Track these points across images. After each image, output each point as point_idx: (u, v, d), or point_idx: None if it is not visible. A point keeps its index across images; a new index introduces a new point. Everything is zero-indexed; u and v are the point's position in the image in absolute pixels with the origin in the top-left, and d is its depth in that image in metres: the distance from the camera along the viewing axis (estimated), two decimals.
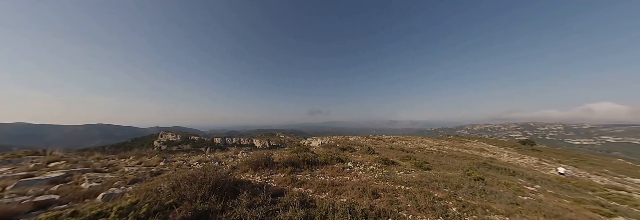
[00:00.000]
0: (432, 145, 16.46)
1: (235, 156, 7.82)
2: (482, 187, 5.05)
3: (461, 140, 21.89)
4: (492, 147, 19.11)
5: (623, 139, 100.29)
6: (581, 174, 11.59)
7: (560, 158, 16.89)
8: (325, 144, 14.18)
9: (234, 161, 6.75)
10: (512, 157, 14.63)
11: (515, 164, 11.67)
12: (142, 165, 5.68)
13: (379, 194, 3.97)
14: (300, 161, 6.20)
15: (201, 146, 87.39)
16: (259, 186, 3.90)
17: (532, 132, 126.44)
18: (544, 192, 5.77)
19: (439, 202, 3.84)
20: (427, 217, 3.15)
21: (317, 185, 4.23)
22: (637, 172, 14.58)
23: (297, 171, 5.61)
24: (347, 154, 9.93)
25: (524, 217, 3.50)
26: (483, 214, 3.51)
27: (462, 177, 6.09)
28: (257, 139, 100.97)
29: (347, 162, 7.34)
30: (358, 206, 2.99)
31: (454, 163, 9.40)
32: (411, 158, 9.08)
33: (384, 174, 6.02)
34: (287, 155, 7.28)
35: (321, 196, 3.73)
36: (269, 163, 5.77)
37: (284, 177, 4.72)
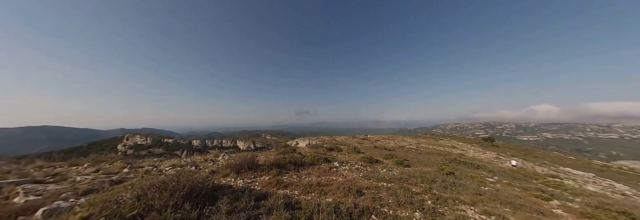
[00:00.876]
0: (411, 144, 17.74)
1: (215, 159, 7.29)
2: (452, 180, 5.62)
3: (436, 139, 24.09)
4: (461, 144, 21.48)
5: (557, 135, 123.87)
6: (528, 165, 13.79)
7: (513, 152, 19.90)
8: (313, 144, 14.15)
9: (214, 165, 6.28)
10: (476, 152, 16.64)
11: (479, 159, 13.30)
12: (100, 173, 4.90)
13: (363, 192, 4.11)
14: (287, 163, 6.07)
15: (177, 149, 79.11)
16: (241, 190, 3.70)
17: (492, 130, 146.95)
18: (500, 183, 6.70)
19: (416, 196, 4.15)
20: (406, 211, 3.38)
21: (303, 186, 4.19)
22: (567, 162, 18.07)
23: (283, 173, 5.48)
24: (334, 154, 10.08)
25: (485, 205, 4.01)
26: (453, 205, 3.91)
27: (436, 172, 6.69)
28: (241, 141, 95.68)
29: (334, 162, 7.44)
30: (343, 205, 3.05)
31: (430, 159, 10.28)
32: (393, 156, 9.64)
33: (369, 172, 6.27)
34: (272, 157, 7.06)
35: (307, 197, 3.71)
36: (253, 166, 5.52)
37: (269, 180, 4.56)
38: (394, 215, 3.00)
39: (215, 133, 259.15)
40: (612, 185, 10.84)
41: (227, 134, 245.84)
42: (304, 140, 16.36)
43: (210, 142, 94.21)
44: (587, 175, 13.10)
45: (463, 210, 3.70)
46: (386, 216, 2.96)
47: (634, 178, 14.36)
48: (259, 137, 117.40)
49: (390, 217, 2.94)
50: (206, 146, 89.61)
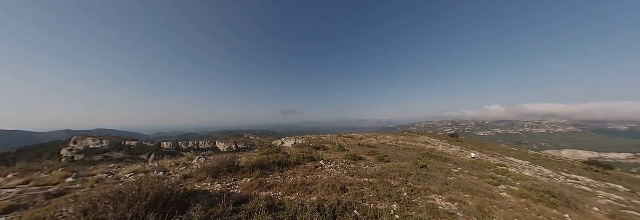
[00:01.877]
0: (391, 141, 19.10)
1: (189, 163, 6.61)
2: (425, 173, 6.25)
3: (412, 136, 26.45)
4: (432, 140, 24.05)
5: (504, 131, 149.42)
6: (483, 156, 16.24)
7: (472, 146, 23.23)
8: (299, 143, 14.01)
9: (187, 169, 5.69)
10: (444, 147, 18.86)
11: (446, 152, 15.10)
12: (30, 184, 3.95)
13: (346, 189, 4.25)
14: (270, 163, 5.87)
15: (142, 153, 68.78)
16: (218, 195, 3.43)
17: (457, 127, 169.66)
18: (462, 173, 7.73)
19: (394, 189, 4.48)
20: (385, 204, 3.62)
21: (287, 186, 4.11)
22: (510, 153, 21.98)
23: (267, 174, 5.29)
24: (319, 153, 10.16)
25: (451, 193, 4.57)
26: (425, 195, 4.35)
27: (412, 166, 7.33)
28: (220, 142, 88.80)
29: (319, 161, 7.50)
30: (326, 203, 3.09)
31: (406, 155, 11.22)
32: (375, 153, 10.21)
33: (352, 169, 6.50)
34: (255, 157, 6.74)
35: (291, 197, 3.65)
36: (233, 168, 5.18)
37: (251, 182, 4.34)
38: (373, 209, 3.18)
39: (191, 134, 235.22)
40: (541, 170, 13.57)
41: (205, 134, 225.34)
42: (290, 139, 16.08)
43: (184, 143, 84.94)
44: (524, 162, 16.11)
45: (432, 199, 4.15)
46: (367, 210, 3.12)
47: (555, 164, 18.30)
48: (241, 137, 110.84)
49: (371, 211, 3.10)
50: (179, 148, 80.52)
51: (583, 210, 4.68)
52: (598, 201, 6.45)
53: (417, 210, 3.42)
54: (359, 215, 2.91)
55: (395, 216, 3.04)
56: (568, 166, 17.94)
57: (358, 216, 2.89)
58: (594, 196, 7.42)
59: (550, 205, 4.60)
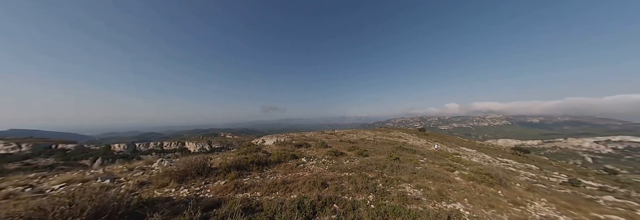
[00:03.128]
0: (370, 136, 20.45)
1: (147, 167, 5.69)
2: (398, 164, 6.91)
3: (388, 131, 28.94)
4: (404, 134, 26.83)
5: (459, 125, 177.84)
6: (444, 147, 19.00)
7: (436, 139, 26.91)
8: (281, 141, 13.62)
9: (145, 174, 4.89)
10: (414, 140, 21.29)
11: (416, 145, 17.07)
12: None
13: (327, 184, 4.35)
14: (249, 163, 5.53)
15: (83, 158, 55.69)
16: (184, 201, 3.05)
17: (424, 122, 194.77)
18: (428, 162, 8.89)
19: (371, 181, 4.82)
20: (362, 195, 3.85)
21: (266, 186, 3.94)
22: (463, 143, 26.36)
23: (244, 175, 4.97)
24: (302, 150, 10.10)
25: (418, 181, 5.19)
26: (397, 184, 4.81)
27: (387, 159, 8.01)
28: (191, 142, 79.36)
29: (301, 158, 7.46)
30: (307, 199, 3.09)
31: (383, 148, 12.20)
32: (355, 148, 10.75)
33: (334, 164, 6.70)
34: (231, 158, 6.25)
35: (270, 197, 3.53)
36: (204, 170, 4.68)
37: (225, 185, 4.01)
38: (352, 201, 3.35)
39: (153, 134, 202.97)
40: (484, 156, 16.71)
41: (171, 134, 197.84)
42: (272, 137, 15.49)
43: (144, 145, 72.82)
44: (473, 151, 19.55)
45: (403, 187, 4.63)
46: (346, 203, 3.26)
47: (493, 151, 22.80)
48: (216, 137, 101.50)
49: (349, 203, 3.26)
50: (137, 151, 68.66)
51: (510, 186, 5.98)
52: (519, 178, 8.34)
53: (390, 198, 3.76)
54: (338, 209, 3.02)
55: (371, 206, 3.27)
56: (502, 152, 22.70)
57: (337, 209, 2.99)
58: (517, 175, 9.56)
59: (489, 184, 5.71)
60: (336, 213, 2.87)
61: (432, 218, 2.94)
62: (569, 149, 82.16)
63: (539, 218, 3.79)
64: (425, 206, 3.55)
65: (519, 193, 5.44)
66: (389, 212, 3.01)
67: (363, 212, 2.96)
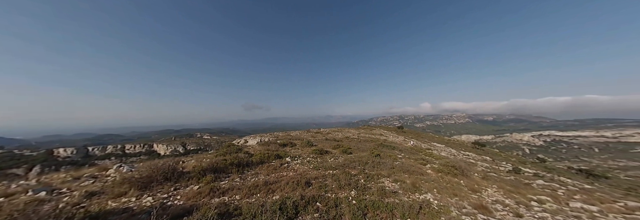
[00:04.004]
0: (354, 134, 21.25)
1: (100, 174, 4.85)
2: (378, 160, 7.34)
3: (371, 129, 30.53)
4: (385, 132, 28.68)
5: (431, 123, 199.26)
6: (419, 143, 20.94)
7: (412, 135, 29.52)
8: (265, 141, 13.11)
9: (97, 183, 4.16)
10: (394, 137, 22.94)
11: (395, 142, 18.41)
12: None
13: (311, 183, 4.36)
14: (228, 165, 5.17)
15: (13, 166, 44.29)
16: (147, 211, 2.68)
17: (403, 120, 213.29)
18: (405, 158, 9.67)
19: (353, 177, 5.01)
20: (345, 192, 3.98)
21: (247, 189, 3.74)
22: (434, 139, 29.53)
23: (222, 178, 4.63)
24: (287, 150, 9.91)
25: (395, 176, 5.60)
26: (377, 179, 5.11)
27: (369, 155, 8.44)
28: (161, 144, 70.47)
29: (286, 158, 7.32)
30: (289, 200, 3.05)
31: (366, 146, 12.81)
32: (340, 146, 11.02)
33: (319, 163, 6.75)
34: (208, 160, 5.75)
35: (251, 200, 3.36)
36: (174, 175, 4.21)
37: (199, 189, 3.67)
38: (334, 198, 3.43)
39: (111, 136, 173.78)
40: (451, 151, 19.00)
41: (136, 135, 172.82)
42: (255, 137, 14.80)
43: (100, 149, 61.98)
44: (442, 146, 22.06)
45: (382, 182, 4.94)
46: (329, 200, 3.33)
47: (458, 145, 26.10)
48: (192, 138, 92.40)
49: (332, 200, 3.33)
50: (90, 156, 58.06)
51: (470, 176, 6.93)
52: (477, 169, 9.74)
53: (370, 193, 3.97)
54: (321, 207, 3.05)
55: (352, 202, 3.40)
56: (464, 146, 26.18)
57: (320, 208, 3.03)
58: (475, 166, 11.14)
59: (454, 175, 6.52)
60: (319, 211, 2.90)
61: (406, 209, 3.21)
62: (513, 142, 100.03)
63: (491, 202, 4.49)
64: (401, 198, 3.86)
65: (476, 181, 6.35)
66: (368, 206, 3.18)
67: (345, 208, 3.06)
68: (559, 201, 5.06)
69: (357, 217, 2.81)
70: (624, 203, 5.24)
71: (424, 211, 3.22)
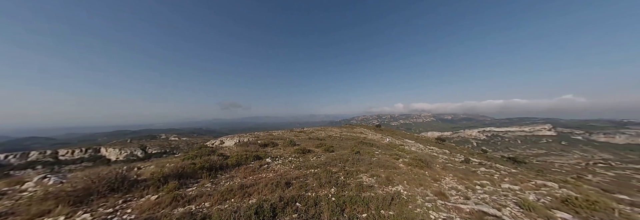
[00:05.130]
0: (337, 133, 21.91)
1: (12, 189, 3.78)
2: (358, 157, 7.79)
3: (352, 127, 32.02)
4: (365, 130, 30.50)
5: (404, 121, 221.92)
6: (394, 140, 23.02)
7: (388, 133, 32.25)
8: (244, 141, 12.33)
9: (5, 201, 3.24)
10: (372, 135, 24.61)
11: (373, 139, 19.79)
12: None
13: (291, 183, 4.32)
14: (197, 169, 4.68)
15: None
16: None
17: (381, 119, 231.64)
18: (381, 154, 10.50)
19: (334, 175, 5.19)
20: (325, 190, 4.10)
21: (219, 194, 3.46)
22: (406, 136, 32.96)
23: (189, 184, 4.18)
24: (268, 150, 9.56)
25: (372, 171, 6.05)
26: (356, 175, 5.43)
27: (349, 153, 8.86)
28: (112, 147, 58.37)
29: (266, 158, 7.07)
30: (267, 202, 2.97)
31: (347, 144, 13.38)
32: (323, 145, 11.22)
33: (300, 162, 6.74)
34: (172, 164, 5.09)
35: (224, 206, 3.12)
36: (124, 184, 3.59)
37: (158, 199, 3.23)
38: (314, 197, 3.50)
39: (37, 139, 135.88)
40: (419, 146, 21.51)
41: (75, 138, 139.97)
42: (233, 138, 13.74)
43: (21, 156, 47.80)
44: (412, 142, 24.77)
45: (360, 177, 5.27)
46: (309, 199, 3.38)
47: (425, 141, 29.74)
48: (154, 140, 79.89)
49: (312, 199, 3.39)
50: (3, 165, 44.28)
51: (433, 167, 8.01)
52: (439, 161, 11.30)
53: (349, 189, 4.21)
54: (300, 207, 3.07)
55: (332, 199, 3.54)
56: (429, 142, 30.01)
57: (299, 208, 3.05)
58: (437, 158, 12.92)
59: (420, 168, 7.43)
60: (298, 211, 2.92)
61: (380, 201, 3.52)
62: (465, 137, 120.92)
63: (447, 188, 5.31)
64: (377, 192, 4.21)
65: (437, 172, 7.39)
66: (346, 202, 3.36)
67: (324, 206, 3.16)
68: (494, 184, 6.34)
69: (335, 213, 2.93)
70: (535, 182, 6.94)
71: (395, 202, 3.59)
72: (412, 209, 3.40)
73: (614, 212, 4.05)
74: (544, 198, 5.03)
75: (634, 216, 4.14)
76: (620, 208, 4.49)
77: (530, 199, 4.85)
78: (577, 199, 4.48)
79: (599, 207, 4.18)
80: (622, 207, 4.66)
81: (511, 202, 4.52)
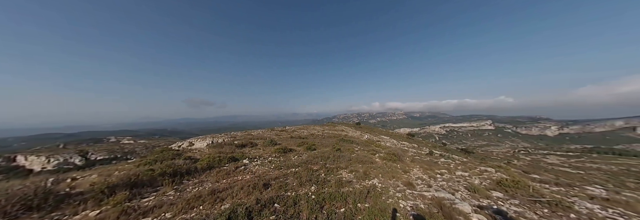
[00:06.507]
0: (319, 131, 22.14)
1: None
2: (339, 154, 8.04)
3: (334, 125, 32.88)
4: (346, 128, 31.76)
5: (381, 119, 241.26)
6: (372, 137, 24.68)
7: (367, 130, 34.40)
8: (219, 142, 11.25)
9: None
10: (353, 133, 25.82)
11: (353, 136, 20.78)
12: None
13: (270, 184, 4.17)
14: (156, 176, 4.04)
15: None
16: None
17: (360, 117, 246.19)
18: (360, 150, 11.10)
19: (315, 173, 5.24)
20: (306, 188, 4.10)
21: (184, 202, 3.07)
22: (382, 132, 35.80)
23: (146, 193, 3.59)
24: (246, 151, 8.97)
25: (351, 167, 6.34)
26: (336, 171, 5.59)
27: (331, 150, 9.06)
28: (35, 155, 45.46)
29: (243, 160, 6.62)
30: (242, 207, 2.78)
31: (329, 141, 13.66)
32: (305, 143, 11.17)
33: (281, 162, 6.55)
34: (123, 172, 4.26)
35: (189, 215, 2.78)
36: (48, 201, 2.85)
37: (100, 215, 2.67)
38: (294, 196, 3.46)
39: None
40: (393, 141, 23.64)
41: None
42: (205, 139, 12.36)
43: None
44: (387, 138, 27.04)
45: (340, 174, 5.46)
46: (288, 199, 3.31)
47: (398, 137, 32.85)
48: (100, 144, 65.91)
49: (291, 199, 3.34)
50: None
51: (404, 160, 8.91)
52: (409, 154, 12.64)
53: (329, 186, 4.31)
54: (278, 208, 2.99)
55: (312, 197, 3.56)
56: (401, 137, 33.34)
57: (278, 209, 2.96)
58: (408, 152, 14.43)
59: (393, 161, 8.15)
60: (276, 213, 2.83)
61: (358, 195, 3.72)
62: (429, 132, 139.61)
63: (415, 179, 5.99)
64: (355, 186, 4.42)
65: (407, 164, 8.24)
66: (326, 199, 3.43)
67: (303, 204, 3.16)
68: (451, 172, 7.46)
69: (314, 211, 2.96)
70: (479, 168, 8.47)
71: (371, 194, 3.85)
72: (384, 199, 3.70)
73: (529, 189, 5.26)
74: (485, 181, 6.18)
75: (542, 190, 5.48)
76: (533, 185, 5.88)
77: (475, 183, 5.89)
78: (506, 181, 5.65)
79: (521, 186, 5.36)
80: (534, 184, 6.13)
81: (462, 186, 5.39)
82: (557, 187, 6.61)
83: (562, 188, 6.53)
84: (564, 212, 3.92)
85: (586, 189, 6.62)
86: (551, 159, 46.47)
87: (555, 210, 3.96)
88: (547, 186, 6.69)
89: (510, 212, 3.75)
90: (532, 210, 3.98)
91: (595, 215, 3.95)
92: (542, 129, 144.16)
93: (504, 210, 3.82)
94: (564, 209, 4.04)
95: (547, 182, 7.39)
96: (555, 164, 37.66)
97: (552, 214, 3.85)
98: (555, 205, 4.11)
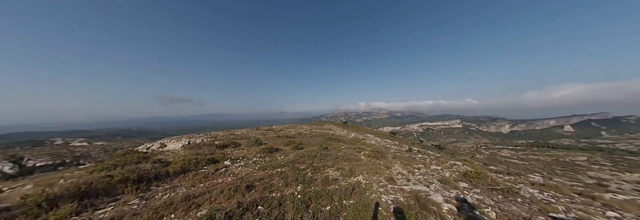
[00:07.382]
0: (307, 130, 22.04)
1: None
2: (326, 153, 8.12)
3: (322, 124, 33.14)
4: (334, 127, 32.33)
5: (366, 118, 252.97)
6: (358, 135, 25.63)
7: (353, 129, 35.63)
8: (196, 143, 10.31)
9: None
10: (340, 131, 26.41)
11: (340, 135, 21.27)
12: None
13: (254, 186, 3.99)
14: (116, 183, 3.50)
15: None
16: None
17: (347, 116, 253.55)
18: (347, 148, 11.42)
19: (301, 172, 5.20)
20: (291, 188, 4.03)
21: (151, 211, 2.72)
22: (368, 131, 37.51)
23: (102, 204, 3.10)
24: (227, 151, 8.41)
25: (338, 165, 6.48)
26: (323, 170, 5.64)
27: (318, 149, 9.10)
28: None
29: (224, 161, 6.20)
30: (221, 212, 2.59)
31: (316, 140, 13.70)
32: (292, 142, 10.99)
33: (266, 162, 6.32)
34: (69, 181, 3.59)
35: None
36: None
37: None
38: (279, 197, 3.37)
39: None
40: (377, 139, 24.95)
41: None
42: (180, 139, 11.17)
43: None
44: (372, 136, 28.43)
45: (327, 172, 5.53)
46: (273, 201, 3.22)
47: (381, 135, 34.80)
48: (40, 147, 54.34)
49: (276, 200, 3.25)
50: None
51: (386, 157, 9.47)
52: (391, 151, 13.48)
53: (316, 184, 4.33)
54: (262, 210, 2.88)
55: (297, 196, 3.53)
56: (385, 135, 35.46)
57: (261, 211, 2.85)
58: (390, 149, 15.39)
59: (377, 158, 8.60)
60: (260, 216, 2.71)
61: (343, 192, 3.81)
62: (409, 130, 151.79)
63: (396, 173, 6.42)
64: (340, 184, 4.53)
65: (389, 161, 8.79)
66: (312, 197, 3.43)
67: (289, 205, 3.11)
68: (427, 166, 8.20)
69: (299, 211, 2.93)
70: (449, 162, 9.53)
71: (356, 191, 3.98)
72: (368, 195, 3.87)
73: (488, 179, 6.11)
74: (454, 174, 6.95)
75: (498, 179, 6.42)
76: (491, 175, 6.84)
77: (446, 175, 6.59)
78: (471, 173, 6.46)
79: (482, 176, 6.19)
80: (492, 175, 7.14)
81: (436, 179, 5.97)
82: (508, 176, 7.86)
83: (512, 177, 7.79)
84: (513, 197, 4.69)
85: (529, 177, 8.07)
86: (504, 152, 55.70)
87: (507, 196, 4.71)
88: (501, 176, 7.89)
89: (472, 200, 4.31)
90: (490, 197, 4.65)
91: (535, 198, 4.82)
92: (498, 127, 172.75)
93: (468, 198, 4.37)
94: (513, 194, 4.82)
95: (501, 172, 8.77)
96: (507, 157, 45.45)
97: (505, 199, 4.56)
98: (507, 192, 4.88)
